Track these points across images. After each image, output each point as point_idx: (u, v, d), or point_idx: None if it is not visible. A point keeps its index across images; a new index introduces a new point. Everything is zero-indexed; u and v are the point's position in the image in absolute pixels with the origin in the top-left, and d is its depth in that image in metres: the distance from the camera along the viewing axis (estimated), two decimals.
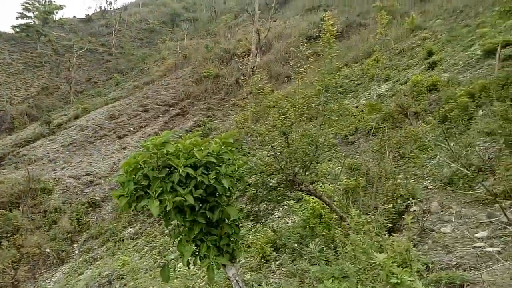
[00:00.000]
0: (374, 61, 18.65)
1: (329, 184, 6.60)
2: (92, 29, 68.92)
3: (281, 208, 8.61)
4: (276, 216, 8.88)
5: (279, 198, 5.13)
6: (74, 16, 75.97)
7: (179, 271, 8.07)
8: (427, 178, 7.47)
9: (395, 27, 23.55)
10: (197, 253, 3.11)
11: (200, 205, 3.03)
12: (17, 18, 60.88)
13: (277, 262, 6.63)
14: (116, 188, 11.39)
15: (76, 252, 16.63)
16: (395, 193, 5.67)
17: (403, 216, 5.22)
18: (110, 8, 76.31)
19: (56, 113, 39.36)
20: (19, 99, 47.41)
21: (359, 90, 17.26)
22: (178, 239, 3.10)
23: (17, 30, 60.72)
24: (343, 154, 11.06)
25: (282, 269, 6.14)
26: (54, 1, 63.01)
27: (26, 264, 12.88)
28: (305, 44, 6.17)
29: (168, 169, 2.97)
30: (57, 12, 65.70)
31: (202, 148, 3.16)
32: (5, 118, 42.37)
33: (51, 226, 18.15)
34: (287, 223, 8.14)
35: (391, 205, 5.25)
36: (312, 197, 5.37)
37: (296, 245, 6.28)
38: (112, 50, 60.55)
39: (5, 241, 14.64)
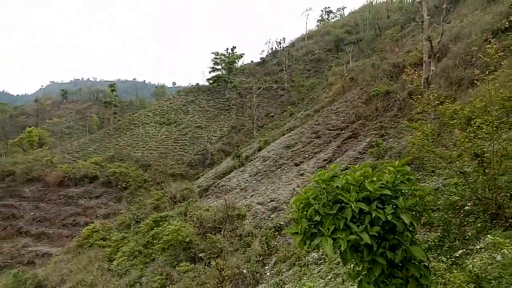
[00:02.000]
0: None
1: None
2: (266, 69, 77.03)
3: (482, 238, 7.12)
4: (477, 247, 7.39)
5: (477, 233, 4.19)
6: (252, 61, 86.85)
7: None
8: None
9: None
10: None
11: (379, 243, 2.76)
12: (209, 72, 73.95)
13: None
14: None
15: (268, 274, 17.98)
16: None
17: None
18: (280, 47, 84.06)
19: (244, 147, 44.87)
20: (215, 138, 56.58)
21: None
22: (358, 279, 2.89)
23: (210, 82, 73.65)
24: None
25: None
26: (236, 52, 73.57)
27: (229, 283, 14.72)
28: (492, 40, 5.12)
29: (339, 204, 2.84)
30: (238, 61, 76.47)
31: (374, 179, 2.91)
32: (207, 155, 51.10)
33: (246, 249, 20.32)
34: (494, 258, 6.63)
35: None
36: None
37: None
38: (284, 85, 65.98)
39: (213, 261, 17.17)
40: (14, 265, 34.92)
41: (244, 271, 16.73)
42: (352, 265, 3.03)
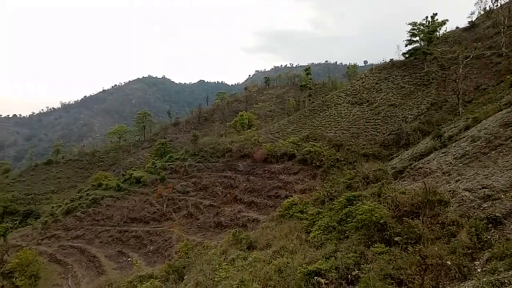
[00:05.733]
0: None
1: None
2: (477, 34, 65.21)
3: None
4: None
5: None
6: (457, 27, 75.08)
7: None
8: None
9: None
10: None
11: None
12: (406, 45, 68.31)
13: None
14: None
15: (478, 270, 15.66)
16: None
17: None
18: (496, 5, 69.06)
19: (446, 126, 39.86)
20: (412, 117, 52.30)
21: None
22: None
23: (406, 56, 68.03)
24: None
25: None
26: (437, 19, 65.10)
27: (430, 273, 13.65)
28: None
29: None
30: (439, 29, 67.57)
31: None
32: (402, 135, 47.90)
33: (450, 239, 18.23)
34: None
35: None
36: None
37: None
38: (502, 51, 54.25)
39: (410, 247, 16.25)
40: (232, 226, 42.57)
41: (448, 262, 15.08)
42: None
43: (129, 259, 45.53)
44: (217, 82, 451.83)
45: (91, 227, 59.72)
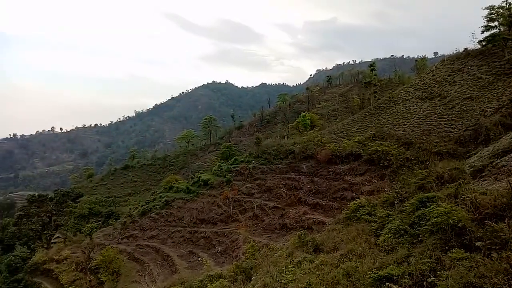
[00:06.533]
0: None
1: None
2: None
3: None
4: None
5: None
6: None
7: None
8: None
9: None
10: None
11: None
12: (482, 32, 62.61)
13: None
14: None
15: None
16: None
17: None
18: None
19: None
20: (491, 110, 47.71)
21: None
22: None
23: (483, 43, 62.31)
24: None
25: None
26: None
27: None
28: None
29: None
30: None
31: None
32: (480, 130, 43.86)
33: None
34: None
35: None
36: None
37: None
38: None
39: (494, 253, 14.80)
40: (297, 228, 42.28)
41: None
42: None
43: (199, 259, 47.52)
44: (279, 84, 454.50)
45: (164, 227, 63.45)
